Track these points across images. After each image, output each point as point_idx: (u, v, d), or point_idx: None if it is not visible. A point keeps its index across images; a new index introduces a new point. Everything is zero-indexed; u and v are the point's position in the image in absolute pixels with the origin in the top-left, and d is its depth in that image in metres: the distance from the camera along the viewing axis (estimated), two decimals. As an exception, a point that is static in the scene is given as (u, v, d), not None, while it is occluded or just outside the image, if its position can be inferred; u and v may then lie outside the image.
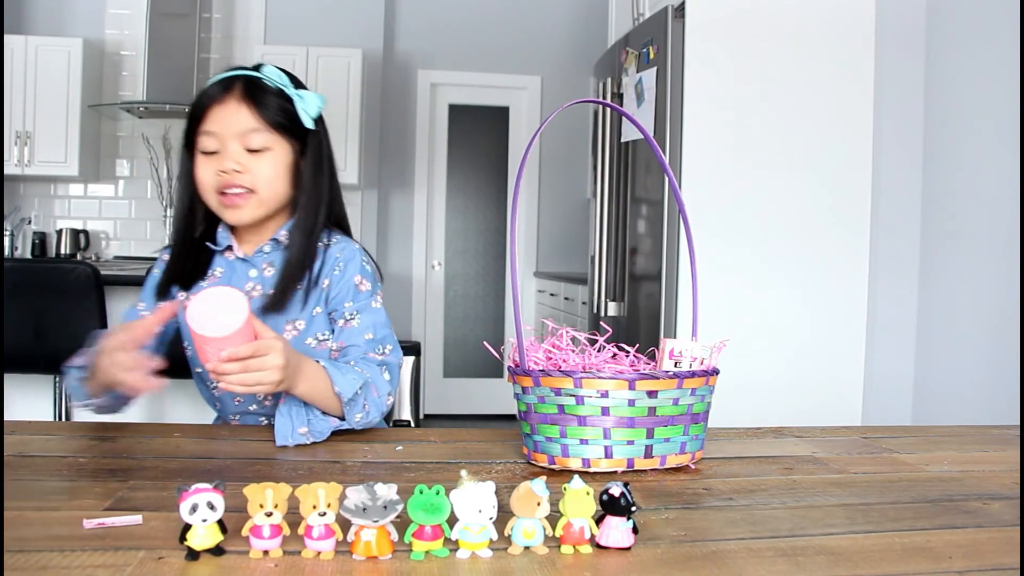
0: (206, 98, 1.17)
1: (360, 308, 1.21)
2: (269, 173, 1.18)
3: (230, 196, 1.16)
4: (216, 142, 1.16)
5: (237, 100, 1.16)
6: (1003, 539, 0.75)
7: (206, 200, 1.20)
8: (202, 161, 1.17)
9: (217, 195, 1.17)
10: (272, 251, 1.24)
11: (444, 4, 5.12)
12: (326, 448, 1.06)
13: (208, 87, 1.19)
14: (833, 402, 2.52)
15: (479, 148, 5.33)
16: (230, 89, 1.16)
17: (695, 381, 0.96)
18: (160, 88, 4.50)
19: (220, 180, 1.16)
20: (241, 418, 1.27)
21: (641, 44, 2.70)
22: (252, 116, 1.16)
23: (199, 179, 1.18)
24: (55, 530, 0.70)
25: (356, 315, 1.20)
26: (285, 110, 1.18)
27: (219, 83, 1.18)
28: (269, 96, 1.17)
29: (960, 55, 2.39)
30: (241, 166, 1.16)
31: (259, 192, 1.18)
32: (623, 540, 0.69)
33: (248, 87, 1.17)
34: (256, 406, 1.25)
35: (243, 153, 1.16)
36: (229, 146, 1.15)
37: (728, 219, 2.49)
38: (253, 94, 1.16)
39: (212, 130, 1.16)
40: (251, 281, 1.24)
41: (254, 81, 1.17)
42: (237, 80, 1.17)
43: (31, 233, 4.69)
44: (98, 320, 2.51)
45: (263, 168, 1.17)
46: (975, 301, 2.29)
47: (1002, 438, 1.21)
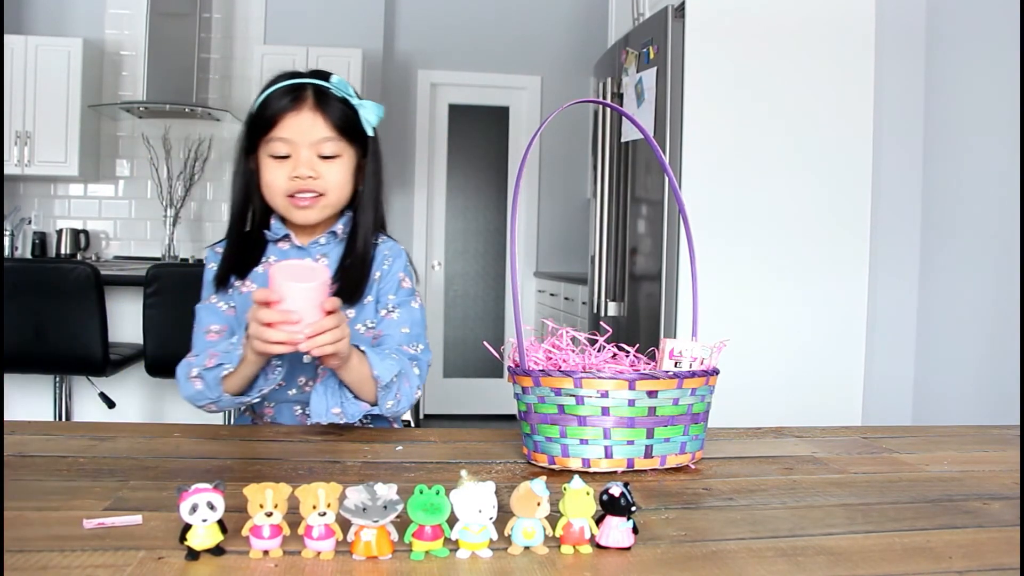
0: (277, 106, 1.22)
1: (400, 303, 1.28)
2: (339, 178, 1.24)
3: (301, 199, 1.23)
4: (288, 148, 1.22)
5: (311, 109, 1.22)
6: (1003, 539, 0.75)
7: (272, 201, 1.25)
8: (272, 165, 1.23)
9: (286, 197, 1.23)
10: (327, 243, 1.30)
11: (444, 4, 5.12)
12: (326, 448, 1.06)
13: (275, 93, 1.23)
14: (833, 402, 2.52)
15: (479, 148, 5.33)
16: (302, 98, 1.22)
17: (695, 381, 0.96)
18: (160, 88, 4.50)
19: (292, 185, 1.22)
20: (277, 406, 1.29)
21: (641, 44, 2.71)
22: (325, 126, 1.22)
23: (269, 182, 1.23)
24: (55, 530, 0.70)
25: (396, 309, 1.27)
26: (350, 118, 1.24)
27: (289, 91, 1.23)
28: (338, 106, 1.23)
29: (960, 55, 2.39)
30: (315, 172, 1.22)
31: (328, 196, 1.24)
32: (623, 540, 0.69)
33: (319, 96, 1.22)
34: (296, 391, 1.28)
35: (315, 160, 1.22)
36: (302, 153, 1.22)
37: (728, 219, 2.49)
38: (325, 104, 1.22)
39: (286, 137, 1.21)
40: None
41: (324, 91, 1.23)
42: (308, 89, 1.23)
43: (31, 233, 4.69)
44: (98, 320, 2.52)
45: (333, 174, 1.24)
46: (975, 301, 2.29)
47: (1002, 438, 1.21)
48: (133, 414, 3.02)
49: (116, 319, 2.79)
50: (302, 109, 1.21)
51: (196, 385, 1.18)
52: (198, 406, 1.22)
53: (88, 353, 2.52)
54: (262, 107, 1.24)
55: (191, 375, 1.19)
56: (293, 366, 1.25)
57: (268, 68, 4.64)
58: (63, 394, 2.84)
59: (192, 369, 1.19)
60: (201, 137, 4.79)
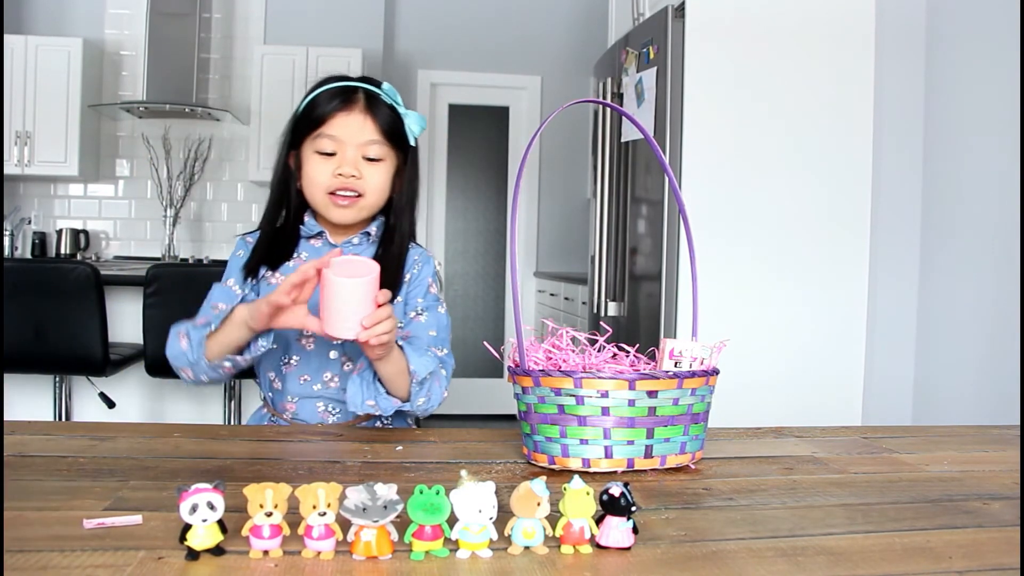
0: (328, 106, 1.25)
1: (428, 307, 1.31)
2: (379, 181, 1.28)
3: (340, 197, 1.26)
4: (335, 146, 1.25)
5: (361, 111, 1.25)
6: (1003, 539, 0.75)
7: (312, 196, 1.28)
8: (318, 161, 1.26)
9: (327, 194, 1.26)
10: (360, 243, 1.34)
11: (444, 4, 5.12)
12: (326, 448, 1.06)
13: (325, 93, 1.26)
14: (833, 402, 2.52)
15: (479, 148, 5.33)
16: (354, 100, 1.25)
17: (695, 381, 0.96)
18: (160, 88, 4.50)
19: (335, 182, 1.25)
20: (299, 401, 1.30)
21: (641, 44, 2.71)
22: (374, 128, 1.26)
23: (311, 176, 1.26)
24: (55, 530, 0.70)
25: (424, 312, 1.30)
26: (396, 125, 1.28)
27: (340, 92, 1.26)
28: (386, 111, 1.27)
29: (960, 55, 2.39)
30: (358, 172, 1.25)
31: (367, 197, 1.27)
32: (623, 540, 0.69)
33: (370, 100, 1.26)
34: (320, 386, 1.29)
35: (360, 160, 1.26)
36: (348, 152, 1.25)
37: (728, 219, 2.49)
38: (375, 108, 1.26)
39: (335, 135, 1.24)
40: None
41: (375, 96, 1.27)
42: (360, 92, 1.26)
43: (31, 233, 4.69)
44: (98, 320, 2.52)
45: (375, 176, 1.27)
46: (975, 301, 2.29)
47: (1002, 438, 1.21)
48: (133, 414, 3.02)
49: (116, 319, 2.79)
50: (353, 110, 1.25)
51: (182, 343, 1.19)
52: (177, 367, 1.22)
53: (88, 353, 2.52)
54: (311, 106, 1.26)
55: (180, 333, 1.21)
56: (320, 362, 1.29)
57: (268, 68, 4.65)
58: (63, 394, 2.84)
59: (182, 327, 1.21)
60: (201, 137, 4.79)
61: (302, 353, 1.29)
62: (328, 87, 1.27)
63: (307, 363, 1.29)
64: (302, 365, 1.29)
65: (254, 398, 2.94)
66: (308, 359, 1.29)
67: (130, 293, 2.90)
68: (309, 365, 1.29)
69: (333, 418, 1.29)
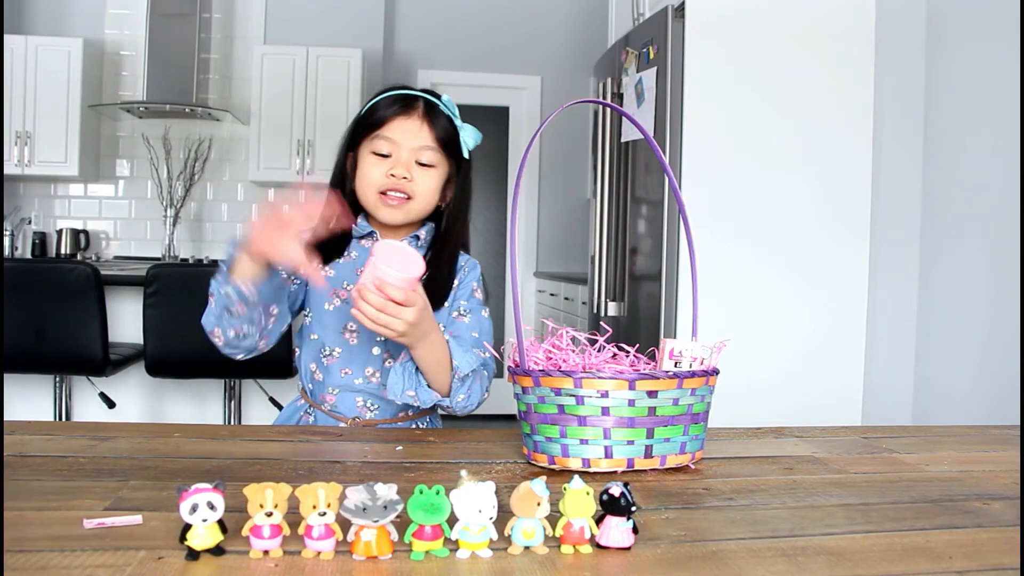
0: (389, 109, 1.30)
1: (472, 309, 1.34)
2: (429, 186, 1.31)
3: (391, 197, 1.29)
4: (391, 147, 1.29)
5: (419, 117, 1.30)
6: (1003, 539, 0.75)
7: (364, 195, 1.31)
8: (373, 161, 1.30)
9: (378, 193, 1.30)
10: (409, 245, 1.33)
11: (444, 4, 5.12)
12: (326, 448, 1.06)
13: (387, 98, 1.31)
14: (833, 402, 2.52)
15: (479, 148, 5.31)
16: (413, 107, 1.30)
17: (695, 381, 0.96)
18: (160, 88, 4.51)
19: (387, 182, 1.29)
20: (340, 393, 1.31)
21: (641, 44, 2.71)
22: (430, 135, 1.30)
23: (366, 175, 1.30)
24: (55, 530, 0.70)
25: (468, 313, 1.33)
26: (452, 136, 1.33)
27: (402, 99, 1.31)
28: (444, 121, 1.32)
29: (960, 55, 2.39)
30: (409, 175, 1.29)
31: (415, 200, 1.31)
32: (623, 540, 0.69)
33: (429, 108, 1.31)
34: (362, 380, 1.31)
35: (413, 164, 1.30)
36: (402, 155, 1.29)
37: (728, 219, 2.49)
38: (433, 116, 1.31)
39: (392, 137, 1.29)
40: None
41: (434, 106, 1.32)
42: (420, 100, 1.31)
43: (31, 233, 4.69)
44: (98, 320, 2.52)
45: (426, 181, 1.31)
46: (975, 301, 2.29)
47: (1002, 438, 1.21)
48: (133, 414, 3.02)
49: (116, 319, 2.79)
50: (412, 115, 1.29)
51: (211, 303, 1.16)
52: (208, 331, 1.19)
53: (88, 353, 2.52)
54: (372, 109, 1.31)
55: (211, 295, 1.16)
56: (363, 357, 1.31)
57: (268, 68, 4.66)
58: (63, 394, 2.84)
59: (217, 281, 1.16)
60: (201, 137, 4.79)
61: (345, 346, 1.31)
62: (390, 93, 1.31)
63: (349, 356, 1.31)
64: (344, 358, 1.31)
65: (255, 398, 2.95)
66: (351, 353, 1.31)
67: (130, 293, 2.90)
68: (351, 359, 1.31)
69: (371, 413, 1.31)
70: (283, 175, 4.58)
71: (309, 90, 4.60)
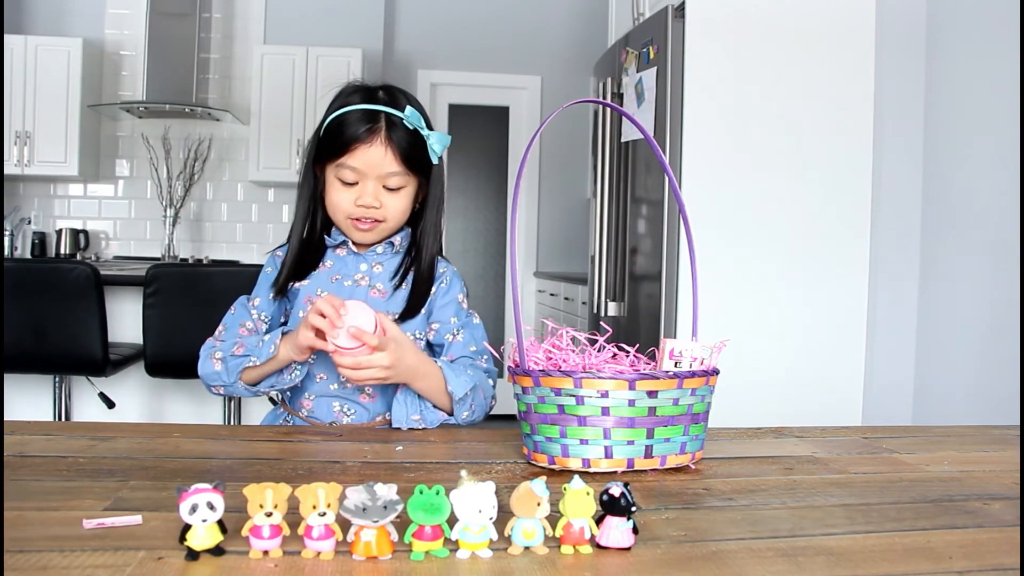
0: (351, 134, 1.25)
1: (464, 324, 1.34)
2: (401, 207, 1.30)
3: (362, 221, 1.29)
4: (356, 176, 1.27)
5: (382, 144, 1.25)
6: (1003, 539, 0.75)
7: (334, 218, 1.32)
8: (339, 188, 1.28)
9: (348, 219, 1.29)
10: (384, 252, 1.36)
11: (444, 4, 5.12)
12: (326, 448, 1.06)
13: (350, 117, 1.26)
14: (833, 402, 2.52)
15: (479, 148, 5.33)
16: (375, 130, 1.25)
17: (695, 381, 0.96)
18: (160, 88, 4.50)
19: (356, 211, 1.28)
20: (317, 399, 1.32)
21: (641, 44, 2.71)
22: (395, 161, 1.26)
23: (334, 201, 1.29)
24: (55, 530, 0.70)
25: (461, 331, 1.34)
26: (418, 149, 1.29)
27: (364, 118, 1.25)
28: (408, 138, 1.27)
29: (960, 55, 2.39)
30: (379, 202, 1.27)
31: (388, 222, 1.31)
32: (623, 540, 0.69)
33: (391, 128, 1.26)
34: (337, 386, 1.32)
35: (381, 190, 1.28)
36: (368, 185, 1.27)
37: (728, 219, 2.49)
38: (396, 138, 1.26)
39: (355, 166, 1.26)
40: (360, 273, 1.35)
41: (395, 122, 1.26)
42: (380, 119, 1.26)
43: (31, 233, 4.69)
44: (98, 320, 2.52)
45: (396, 203, 1.29)
46: (975, 301, 2.29)
47: (1002, 438, 1.21)
48: (133, 414, 3.02)
49: (116, 319, 2.79)
50: (374, 142, 1.25)
51: (216, 367, 1.26)
52: (208, 385, 1.29)
53: (88, 353, 2.52)
54: (337, 129, 1.26)
55: (214, 356, 1.27)
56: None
57: (268, 68, 4.66)
58: (63, 394, 2.84)
59: (217, 352, 1.27)
60: (201, 137, 4.79)
61: (320, 353, 1.30)
62: (351, 109, 1.26)
63: (324, 362, 1.30)
64: (319, 364, 1.31)
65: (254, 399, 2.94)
66: (326, 359, 1.30)
67: (130, 293, 2.90)
68: (327, 365, 1.31)
69: (348, 418, 1.31)
70: (283, 175, 4.58)
71: (309, 90, 4.60)
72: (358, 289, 1.33)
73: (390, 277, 1.34)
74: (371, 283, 1.34)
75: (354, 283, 1.33)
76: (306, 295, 1.33)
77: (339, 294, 1.30)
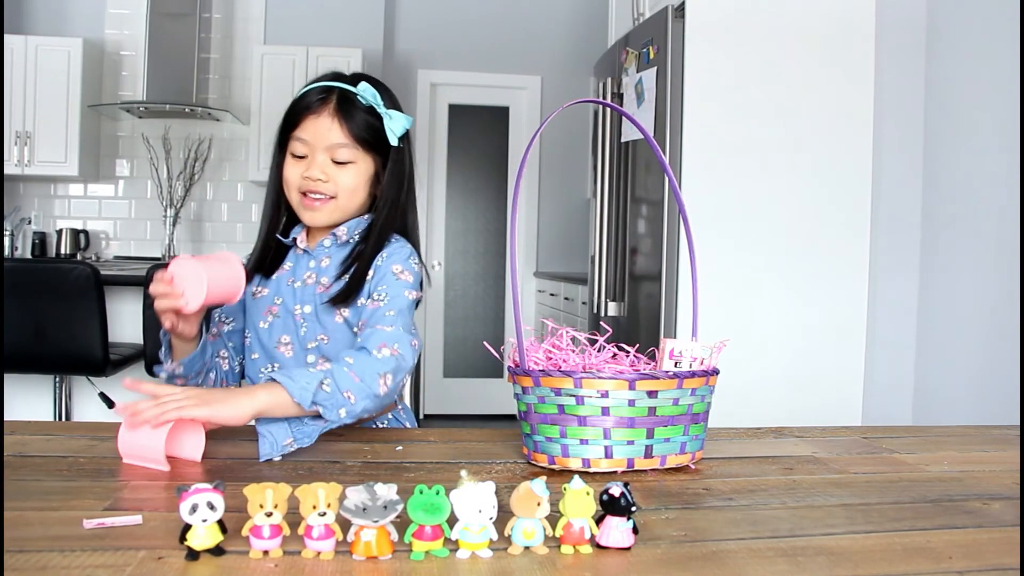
0: (303, 105, 1.25)
1: (391, 294, 1.21)
2: (350, 184, 1.27)
3: (311, 199, 1.27)
4: (306, 148, 1.26)
5: (330, 114, 1.24)
6: (1003, 539, 0.75)
7: (289, 196, 1.30)
8: (291, 162, 1.28)
9: (299, 195, 1.27)
10: (331, 245, 1.32)
11: (444, 4, 5.12)
12: (326, 448, 1.06)
13: (307, 93, 1.27)
14: (833, 402, 2.52)
15: (479, 148, 5.33)
16: (326, 102, 1.25)
17: (695, 381, 0.96)
18: (160, 88, 4.50)
19: (304, 184, 1.26)
20: None
21: (641, 44, 2.71)
22: (341, 132, 1.24)
23: (286, 177, 1.28)
24: (55, 530, 0.70)
25: (385, 297, 1.21)
26: (373, 127, 1.26)
27: (317, 92, 1.26)
28: (360, 113, 1.25)
29: (960, 55, 2.39)
30: (325, 175, 1.25)
31: (339, 199, 1.27)
32: (623, 540, 0.69)
33: (342, 103, 1.25)
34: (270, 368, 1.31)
35: (329, 163, 1.25)
36: (317, 156, 1.25)
37: (728, 219, 2.49)
38: (345, 110, 1.24)
39: (304, 138, 1.25)
40: (309, 271, 1.31)
41: (349, 97, 1.25)
42: (333, 93, 1.25)
43: (31, 233, 4.69)
44: (98, 320, 2.51)
45: (345, 179, 1.26)
46: (975, 301, 2.29)
47: (1002, 438, 1.21)
48: (133, 414, 3.01)
49: (116, 319, 2.79)
50: (322, 113, 1.24)
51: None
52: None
53: (88, 353, 2.52)
54: (294, 104, 1.27)
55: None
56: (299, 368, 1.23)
57: (268, 68, 4.65)
58: (63, 394, 2.84)
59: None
60: (201, 137, 4.78)
61: (282, 359, 1.30)
62: (309, 87, 1.27)
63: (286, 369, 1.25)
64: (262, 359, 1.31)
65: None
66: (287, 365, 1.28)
67: (130, 293, 2.90)
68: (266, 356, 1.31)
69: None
70: (283, 175, 4.57)
71: (309, 90, 4.59)
72: (306, 288, 1.29)
73: (335, 269, 1.28)
74: (317, 279, 1.30)
75: (302, 283, 1.30)
76: (265, 306, 1.30)
77: (291, 297, 1.29)
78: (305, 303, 1.29)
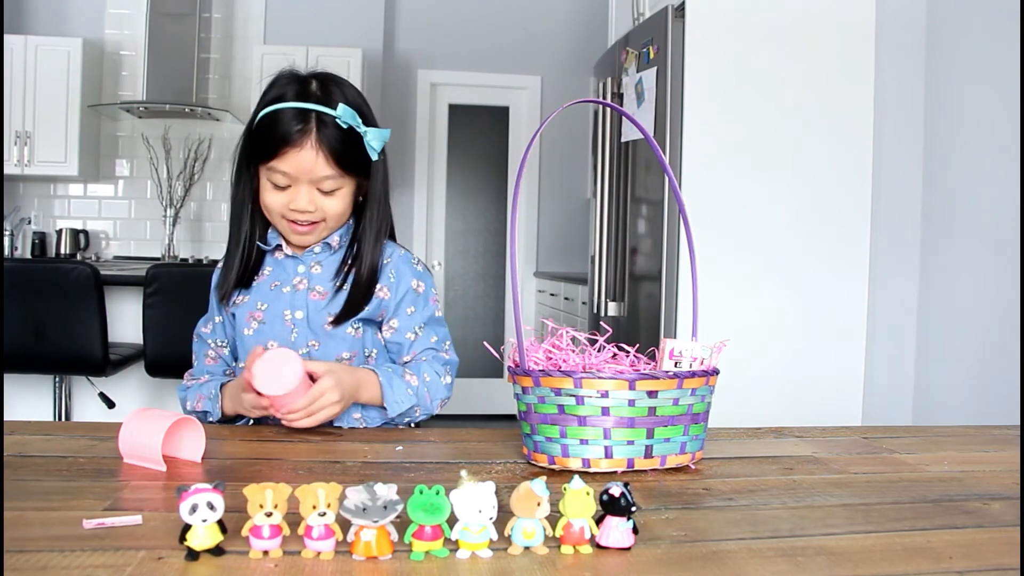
0: (280, 134, 1.18)
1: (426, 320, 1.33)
2: (339, 207, 1.25)
3: (300, 225, 1.24)
4: (288, 180, 1.20)
5: (312, 147, 1.18)
6: (1003, 539, 0.75)
7: (272, 220, 1.27)
8: (272, 190, 1.22)
9: (285, 220, 1.24)
10: (322, 252, 1.31)
11: (444, 4, 5.12)
12: (326, 448, 1.06)
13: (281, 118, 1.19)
14: (833, 402, 2.52)
15: (479, 148, 5.33)
16: (305, 131, 1.17)
17: (695, 381, 0.96)
18: (160, 88, 4.50)
19: (291, 214, 1.22)
20: None
21: (641, 44, 2.71)
22: (327, 164, 1.19)
23: (268, 204, 1.23)
24: (55, 530, 0.70)
25: (422, 327, 1.32)
26: (354, 147, 1.22)
27: (293, 119, 1.18)
28: (342, 139, 1.19)
29: (960, 55, 2.39)
30: (314, 205, 1.22)
31: (328, 222, 1.26)
32: (623, 540, 0.69)
33: (322, 128, 1.18)
34: None
35: (315, 193, 1.22)
36: (301, 188, 1.21)
37: (728, 219, 2.49)
38: (328, 140, 1.18)
39: (286, 171, 1.19)
40: (299, 276, 1.31)
41: (326, 120, 1.18)
42: (311, 119, 1.18)
43: (31, 233, 4.69)
44: (98, 320, 2.52)
45: (333, 205, 1.24)
46: (975, 301, 2.29)
47: (1002, 438, 1.21)
48: (133, 414, 3.01)
49: (116, 319, 2.79)
50: (304, 146, 1.17)
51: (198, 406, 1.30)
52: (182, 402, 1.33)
53: (88, 353, 2.52)
54: (267, 128, 1.19)
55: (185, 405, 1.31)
56: None
57: (268, 68, 4.63)
58: (63, 394, 2.84)
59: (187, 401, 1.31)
60: (201, 137, 4.79)
61: None
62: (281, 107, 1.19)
63: None
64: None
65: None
66: None
67: (130, 293, 2.90)
68: None
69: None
70: (283, 175, 4.57)
71: (309, 90, 4.59)
72: (297, 294, 1.28)
73: (330, 278, 1.29)
74: (310, 285, 1.29)
75: (292, 288, 1.29)
76: (247, 312, 1.29)
77: (279, 302, 1.28)
78: (296, 308, 1.28)
